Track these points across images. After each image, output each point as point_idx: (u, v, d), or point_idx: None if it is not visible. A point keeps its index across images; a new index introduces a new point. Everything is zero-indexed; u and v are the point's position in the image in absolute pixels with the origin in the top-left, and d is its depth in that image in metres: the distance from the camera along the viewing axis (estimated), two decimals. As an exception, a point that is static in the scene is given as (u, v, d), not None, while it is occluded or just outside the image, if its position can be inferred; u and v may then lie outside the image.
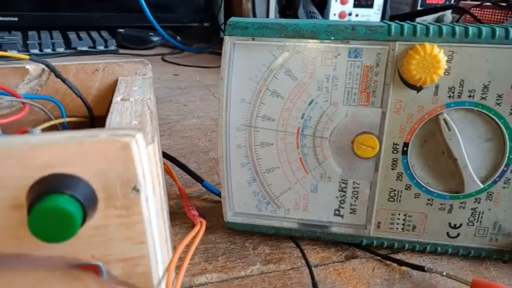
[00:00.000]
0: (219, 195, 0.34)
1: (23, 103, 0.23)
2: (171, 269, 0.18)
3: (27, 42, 0.89)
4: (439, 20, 0.98)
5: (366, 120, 0.25)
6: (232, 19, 0.25)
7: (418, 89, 0.24)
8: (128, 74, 0.28)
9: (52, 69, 0.25)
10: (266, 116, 0.26)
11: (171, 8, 1.10)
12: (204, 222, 0.24)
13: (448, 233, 0.26)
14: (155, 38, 1.02)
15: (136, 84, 0.25)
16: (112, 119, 0.19)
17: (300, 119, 0.26)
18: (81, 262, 0.17)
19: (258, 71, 0.25)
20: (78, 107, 0.27)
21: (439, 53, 0.22)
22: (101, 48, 0.94)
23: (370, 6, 0.83)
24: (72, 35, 0.96)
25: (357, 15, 0.83)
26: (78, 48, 0.92)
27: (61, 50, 0.90)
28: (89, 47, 0.93)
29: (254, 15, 1.04)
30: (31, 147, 0.14)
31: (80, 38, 0.95)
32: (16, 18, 0.97)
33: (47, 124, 0.24)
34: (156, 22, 0.87)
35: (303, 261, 0.27)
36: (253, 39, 0.25)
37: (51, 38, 0.94)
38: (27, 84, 0.26)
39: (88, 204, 0.15)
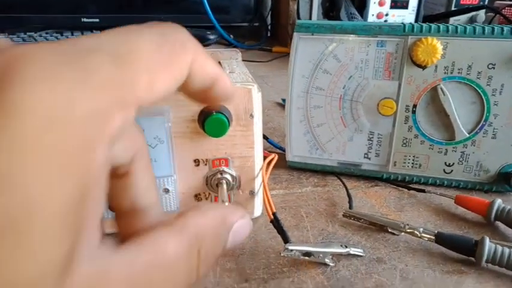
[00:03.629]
0: (278, 148, 0.47)
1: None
2: (264, 165, 0.31)
3: (107, 39, 1.07)
4: (472, 20, 1.05)
5: (387, 89, 0.37)
6: (299, 21, 0.38)
7: (423, 67, 0.35)
8: (226, 59, 0.41)
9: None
10: (318, 87, 0.39)
11: (225, 10, 1.25)
12: (276, 155, 0.37)
13: (444, 170, 0.38)
14: (211, 37, 1.17)
15: (234, 64, 0.39)
16: (234, 79, 0.32)
17: (342, 89, 0.38)
18: (219, 156, 0.30)
19: (314, 55, 0.38)
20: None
21: (437, 43, 0.34)
22: (167, 44, 1.09)
23: (405, 7, 0.93)
24: (142, 34, 1.13)
25: (393, 16, 0.93)
26: (149, 45, 1.08)
27: (135, 46, 1.07)
28: (157, 44, 1.09)
29: (298, 16, 1.16)
30: (204, 88, 0.28)
31: (149, 36, 1.11)
32: (98, 20, 1.15)
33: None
34: (216, 22, 1.01)
35: (341, 186, 0.39)
36: (312, 35, 0.37)
37: (126, 36, 1.11)
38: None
39: (229, 120, 0.28)
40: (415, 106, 0.37)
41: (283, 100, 0.66)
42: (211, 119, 0.27)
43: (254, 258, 0.28)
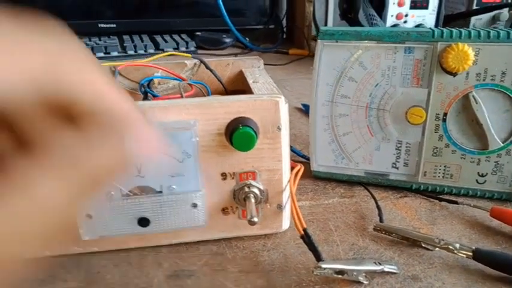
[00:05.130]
0: (301, 156, 0.46)
1: (190, 84, 0.37)
2: (292, 178, 0.30)
3: (124, 44, 1.07)
4: (495, 19, 1.02)
5: (416, 97, 0.36)
6: (323, 28, 0.37)
7: (454, 74, 0.34)
8: (248, 67, 0.41)
9: (204, 63, 0.38)
10: (344, 95, 0.38)
11: (240, 13, 1.24)
12: (302, 166, 0.36)
13: (477, 180, 0.36)
14: (227, 40, 1.17)
15: (257, 73, 0.38)
16: (259, 90, 0.32)
17: (368, 97, 0.37)
18: (246, 169, 0.29)
19: (339, 63, 0.37)
20: (214, 90, 0.40)
21: (468, 49, 0.33)
22: (183, 49, 1.09)
23: (426, 7, 0.90)
24: (158, 38, 1.13)
25: (412, 16, 0.91)
26: (165, 50, 1.08)
27: (151, 51, 1.07)
28: (173, 49, 1.09)
29: (314, 19, 1.15)
30: (231, 101, 0.27)
31: (165, 41, 1.12)
32: (114, 25, 1.16)
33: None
34: (232, 25, 1.01)
35: (369, 197, 0.38)
36: (337, 42, 0.36)
37: (142, 41, 1.11)
38: (185, 73, 0.40)
39: (257, 133, 0.27)
40: (445, 114, 0.35)
41: (304, 105, 0.65)
42: (238, 132, 0.26)
43: (285, 275, 0.28)
